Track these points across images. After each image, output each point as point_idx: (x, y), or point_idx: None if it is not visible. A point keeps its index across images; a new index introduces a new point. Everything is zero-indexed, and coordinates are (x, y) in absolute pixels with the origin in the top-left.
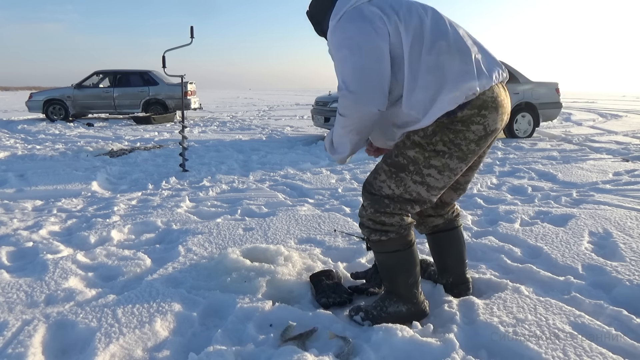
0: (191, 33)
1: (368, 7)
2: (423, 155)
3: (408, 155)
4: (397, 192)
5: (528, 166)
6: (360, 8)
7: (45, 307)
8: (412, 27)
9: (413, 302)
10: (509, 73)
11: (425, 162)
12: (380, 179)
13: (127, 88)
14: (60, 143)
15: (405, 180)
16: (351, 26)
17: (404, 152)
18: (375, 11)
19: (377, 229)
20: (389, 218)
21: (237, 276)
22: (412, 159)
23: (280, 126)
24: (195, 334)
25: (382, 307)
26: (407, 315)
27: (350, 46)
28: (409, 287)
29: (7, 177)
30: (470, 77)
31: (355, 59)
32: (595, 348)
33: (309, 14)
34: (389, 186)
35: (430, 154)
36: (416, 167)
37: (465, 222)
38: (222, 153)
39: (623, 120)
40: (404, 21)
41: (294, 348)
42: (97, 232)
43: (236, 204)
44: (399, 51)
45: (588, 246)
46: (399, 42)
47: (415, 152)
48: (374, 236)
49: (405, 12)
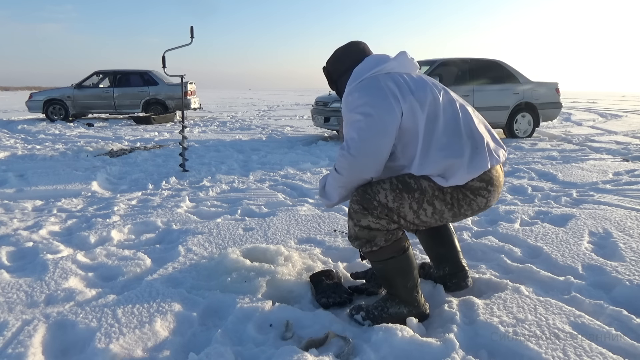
0: (191, 33)
1: (385, 81)
2: (432, 192)
3: (421, 183)
4: (390, 205)
5: (528, 166)
6: (378, 79)
7: (45, 307)
8: (427, 106)
9: (414, 305)
10: (510, 73)
11: (429, 198)
12: (382, 187)
13: (127, 88)
14: (60, 143)
15: (404, 201)
16: (367, 96)
17: (417, 178)
18: (392, 88)
19: (365, 238)
20: (375, 221)
21: (237, 276)
22: (423, 189)
23: (280, 126)
24: (195, 334)
25: (384, 307)
26: (408, 317)
27: (362, 114)
28: (408, 290)
29: (7, 177)
30: (482, 158)
31: (363, 128)
32: (595, 348)
33: (326, 71)
34: (386, 196)
35: (438, 194)
36: (420, 197)
37: (465, 222)
38: (222, 153)
39: (623, 120)
40: (419, 101)
41: (294, 348)
42: (97, 232)
43: (236, 204)
44: (413, 126)
45: (588, 246)
46: (414, 119)
47: (429, 185)
48: (365, 248)
49: (421, 92)
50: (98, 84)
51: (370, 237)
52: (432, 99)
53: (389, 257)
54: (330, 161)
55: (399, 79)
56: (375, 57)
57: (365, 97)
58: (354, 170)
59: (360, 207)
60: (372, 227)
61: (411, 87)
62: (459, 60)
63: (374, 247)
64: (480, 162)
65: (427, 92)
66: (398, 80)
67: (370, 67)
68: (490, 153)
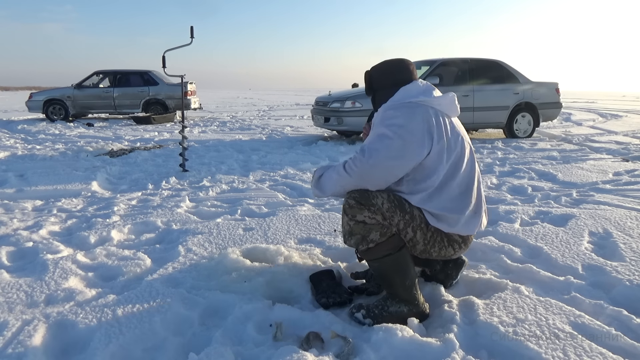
0: (191, 33)
1: (429, 115)
2: (419, 222)
3: (413, 210)
4: (384, 209)
5: (528, 166)
6: (423, 110)
7: (45, 307)
8: (454, 155)
9: (414, 304)
10: (509, 73)
11: (415, 226)
12: (382, 194)
13: (127, 88)
14: (60, 143)
15: (396, 215)
16: (407, 121)
17: (412, 205)
18: (432, 125)
19: (360, 234)
20: (371, 216)
21: (237, 276)
22: (413, 215)
23: (280, 126)
24: (195, 334)
25: (384, 306)
26: (408, 315)
27: (395, 133)
28: (407, 289)
29: (7, 177)
30: (475, 223)
31: (389, 146)
32: (595, 348)
33: (369, 76)
34: (383, 203)
35: (423, 227)
36: (409, 220)
37: None
38: (222, 153)
39: (623, 120)
40: (449, 148)
41: (294, 348)
42: (97, 232)
43: (236, 204)
44: (433, 167)
45: (588, 246)
46: (438, 162)
47: (419, 215)
48: (361, 246)
49: (454, 140)
50: (98, 84)
51: (366, 232)
52: (459, 151)
53: (385, 254)
54: (330, 161)
55: (440, 119)
56: (426, 86)
57: (405, 120)
58: (362, 178)
59: (356, 202)
60: (367, 222)
61: (447, 132)
62: (459, 60)
63: (370, 243)
64: (473, 225)
65: (458, 142)
66: (439, 120)
67: (419, 93)
68: (480, 218)
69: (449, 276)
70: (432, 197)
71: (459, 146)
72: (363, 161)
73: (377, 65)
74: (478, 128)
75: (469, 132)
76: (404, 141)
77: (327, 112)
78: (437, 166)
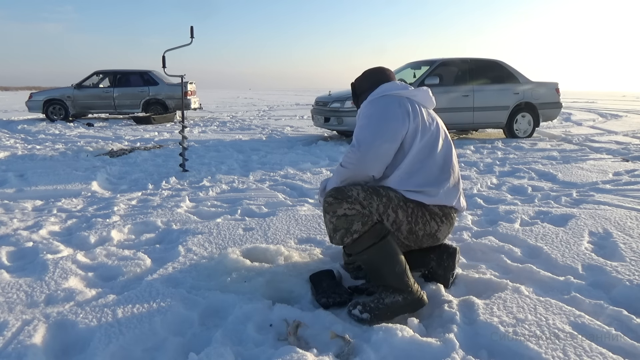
0: (191, 33)
1: (404, 101)
2: (397, 202)
3: (389, 192)
4: (360, 198)
5: (528, 166)
6: (398, 98)
7: (45, 307)
8: (427, 136)
9: (408, 291)
10: (509, 73)
11: (394, 206)
12: (355, 187)
13: (127, 88)
14: (60, 143)
15: (373, 201)
16: (385, 105)
17: (387, 189)
18: (407, 107)
19: (343, 227)
20: (350, 207)
21: (237, 276)
22: (390, 197)
23: (280, 126)
24: (195, 334)
25: (379, 299)
26: (404, 304)
27: (375, 119)
28: (398, 276)
29: (7, 177)
30: (454, 195)
31: (375, 129)
32: (595, 348)
33: (353, 87)
34: (358, 194)
35: (402, 205)
36: (387, 202)
37: (465, 222)
38: (222, 153)
39: (623, 120)
40: (423, 128)
41: (294, 348)
42: (97, 232)
43: (236, 204)
44: (407, 146)
45: (588, 246)
46: (412, 141)
47: (395, 195)
48: (346, 239)
49: (427, 123)
50: (98, 84)
51: (348, 225)
52: (434, 132)
53: (370, 244)
54: (330, 161)
55: (416, 105)
56: (401, 83)
57: (382, 107)
58: (359, 166)
59: (333, 198)
60: (348, 214)
61: (423, 115)
62: (458, 60)
63: (354, 234)
64: (452, 196)
65: (433, 125)
66: (414, 105)
67: (394, 88)
68: (459, 197)
69: (447, 268)
70: (409, 177)
71: (434, 128)
72: (355, 151)
73: (359, 76)
74: (478, 128)
75: (469, 132)
76: (386, 121)
77: (327, 112)
78: (411, 145)
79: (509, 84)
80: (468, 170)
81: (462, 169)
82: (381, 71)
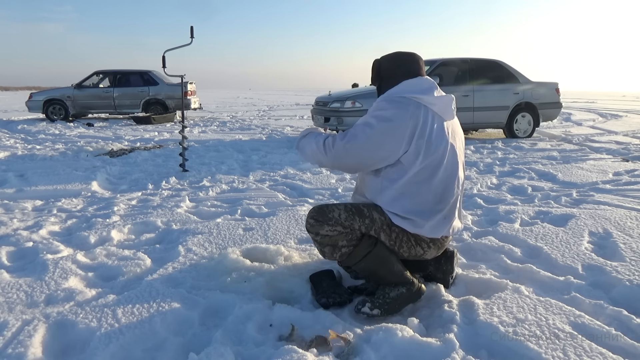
0: (191, 33)
1: (418, 111)
2: (381, 224)
3: (372, 213)
4: (342, 222)
5: (528, 166)
6: (415, 107)
7: (45, 307)
8: (430, 158)
9: (410, 283)
10: (509, 73)
11: (377, 228)
12: (338, 207)
13: (127, 88)
14: (60, 143)
15: (355, 222)
16: (395, 114)
17: (371, 209)
18: (418, 123)
19: (329, 244)
20: (331, 229)
21: (237, 276)
22: (373, 218)
23: (280, 126)
24: (195, 334)
25: (384, 294)
26: (409, 295)
27: (378, 125)
28: (396, 274)
29: (7, 177)
30: (442, 228)
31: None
32: (595, 348)
33: (379, 65)
34: (340, 215)
35: (385, 229)
36: (370, 224)
37: (466, 222)
38: (222, 153)
39: (623, 120)
40: (427, 151)
41: (294, 348)
42: (97, 232)
43: (236, 204)
44: (407, 163)
45: (588, 246)
46: (413, 159)
47: (380, 218)
48: (336, 256)
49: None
50: (98, 84)
51: (334, 242)
52: (439, 156)
53: (365, 253)
54: None
55: (429, 121)
56: (426, 84)
57: (393, 114)
58: (336, 160)
59: (315, 220)
60: (331, 235)
61: (432, 135)
62: (458, 60)
63: (342, 249)
64: (440, 230)
65: (440, 147)
66: (427, 121)
67: (417, 90)
68: (449, 226)
69: (446, 271)
70: (401, 197)
71: (440, 151)
72: (340, 145)
73: (387, 55)
74: (478, 128)
75: (469, 132)
76: (384, 136)
77: (327, 112)
78: (411, 165)
79: (509, 84)
80: (468, 170)
81: None
82: (412, 60)
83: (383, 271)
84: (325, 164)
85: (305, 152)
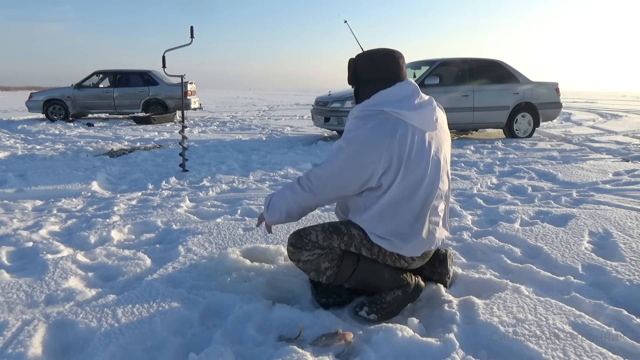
0: (191, 33)
1: (395, 129)
2: (360, 240)
3: (351, 230)
4: (320, 243)
5: (528, 166)
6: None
7: (45, 307)
8: (410, 177)
9: (405, 284)
10: (509, 73)
11: (357, 244)
12: (315, 229)
13: (127, 88)
14: (60, 143)
15: (333, 240)
16: (369, 134)
17: (349, 225)
18: (394, 143)
19: (313, 269)
20: (310, 253)
21: (237, 276)
22: (352, 235)
23: (280, 126)
24: (195, 334)
25: (381, 299)
26: (405, 297)
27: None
28: (389, 279)
29: (7, 177)
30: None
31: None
32: (595, 348)
33: (354, 64)
34: (317, 236)
35: (365, 243)
36: (349, 241)
37: (466, 222)
38: (222, 153)
39: (623, 120)
40: (406, 170)
41: (294, 348)
42: (97, 232)
43: (236, 204)
44: (385, 184)
45: (588, 246)
46: (392, 179)
47: (358, 234)
48: (322, 277)
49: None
50: (98, 84)
51: (316, 266)
52: (420, 175)
53: (352, 271)
54: None
55: (408, 136)
56: (406, 91)
57: (367, 135)
58: (316, 192)
59: (293, 247)
60: (311, 259)
61: (411, 153)
62: (458, 60)
63: (327, 272)
64: (419, 250)
65: (421, 165)
66: (406, 137)
67: (395, 101)
68: (431, 242)
69: (441, 273)
70: (382, 219)
71: (422, 169)
72: (317, 173)
73: (363, 54)
74: (478, 128)
75: (469, 132)
76: (359, 157)
77: (327, 112)
78: (390, 185)
79: (509, 84)
80: (468, 170)
81: (462, 169)
82: (391, 61)
83: (375, 280)
84: (308, 202)
85: (280, 206)
